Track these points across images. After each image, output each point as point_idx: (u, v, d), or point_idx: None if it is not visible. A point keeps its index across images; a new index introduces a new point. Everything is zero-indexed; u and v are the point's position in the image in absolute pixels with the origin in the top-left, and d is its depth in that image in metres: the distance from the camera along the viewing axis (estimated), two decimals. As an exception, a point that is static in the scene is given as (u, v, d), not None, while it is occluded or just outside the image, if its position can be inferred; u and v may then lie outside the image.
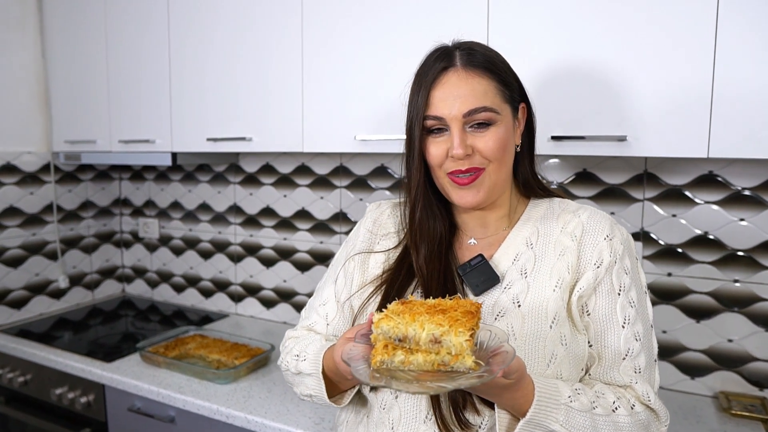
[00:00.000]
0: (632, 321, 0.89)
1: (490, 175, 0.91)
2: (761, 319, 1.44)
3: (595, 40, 1.24)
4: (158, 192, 2.49)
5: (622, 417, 0.84)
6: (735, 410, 1.39)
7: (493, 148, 0.89)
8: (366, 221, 1.09)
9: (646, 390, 0.87)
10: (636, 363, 0.89)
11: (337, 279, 1.06)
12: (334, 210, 2.05)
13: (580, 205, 0.99)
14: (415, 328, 0.72)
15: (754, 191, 1.43)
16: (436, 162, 0.93)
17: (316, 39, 1.60)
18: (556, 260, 0.91)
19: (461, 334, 0.70)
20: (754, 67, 1.11)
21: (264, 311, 2.25)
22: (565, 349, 0.87)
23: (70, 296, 2.40)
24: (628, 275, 0.91)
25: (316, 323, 1.06)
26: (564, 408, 0.80)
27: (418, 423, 0.89)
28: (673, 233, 1.52)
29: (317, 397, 0.97)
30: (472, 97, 0.88)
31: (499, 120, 0.90)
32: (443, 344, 0.71)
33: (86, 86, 2.12)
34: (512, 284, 0.92)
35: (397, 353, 0.73)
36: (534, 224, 0.97)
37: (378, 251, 1.03)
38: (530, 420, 0.79)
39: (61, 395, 1.81)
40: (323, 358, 0.95)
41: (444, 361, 0.72)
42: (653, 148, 1.21)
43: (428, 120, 0.91)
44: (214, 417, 1.48)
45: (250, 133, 1.75)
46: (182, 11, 1.85)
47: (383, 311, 0.77)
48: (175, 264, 2.49)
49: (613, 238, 0.92)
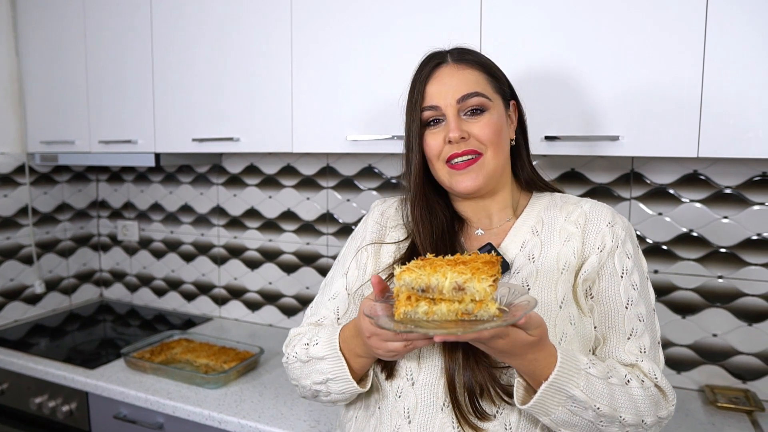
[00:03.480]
0: (635, 302, 0.93)
1: (489, 161, 0.95)
2: (744, 313, 1.49)
3: (588, 41, 1.26)
4: (138, 194, 2.43)
5: (635, 389, 0.85)
6: (721, 403, 1.43)
7: (489, 133, 0.94)
8: (373, 214, 1.09)
9: (652, 368, 0.90)
10: (641, 343, 0.92)
11: (348, 271, 1.05)
12: (320, 211, 2.04)
13: (581, 198, 1.02)
14: (437, 277, 0.73)
15: (736, 190, 1.47)
16: (434, 152, 0.97)
17: (306, 37, 1.58)
18: (562, 246, 0.95)
19: (484, 280, 0.71)
20: (742, 68, 1.14)
21: (249, 314, 2.22)
22: (574, 329, 0.90)
23: (46, 302, 2.33)
24: (630, 259, 0.94)
25: (326, 318, 1.04)
26: (584, 374, 0.81)
27: (435, 410, 0.89)
28: (659, 231, 1.55)
29: (335, 380, 0.92)
30: (464, 84, 0.94)
31: (492, 107, 0.95)
32: (467, 291, 0.72)
33: (64, 85, 2.06)
34: (521, 269, 0.94)
35: (421, 304, 0.73)
36: (538, 214, 1.00)
37: (389, 242, 1.03)
38: (552, 383, 0.79)
39: (41, 404, 1.75)
40: (338, 337, 0.93)
41: (467, 310, 0.73)
42: (645, 147, 1.23)
43: (425, 112, 0.96)
44: (205, 422, 1.45)
45: (238, 134, 1.72)
46: (166, 6, 1.81)
47: (404, 265, 0.77)
48: (155, 267, 2.43)
49: (614, 224, 0.95)
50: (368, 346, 0.85)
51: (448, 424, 0.88)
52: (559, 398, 0.80)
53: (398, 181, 1.89)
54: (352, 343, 0.90)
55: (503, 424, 0.87)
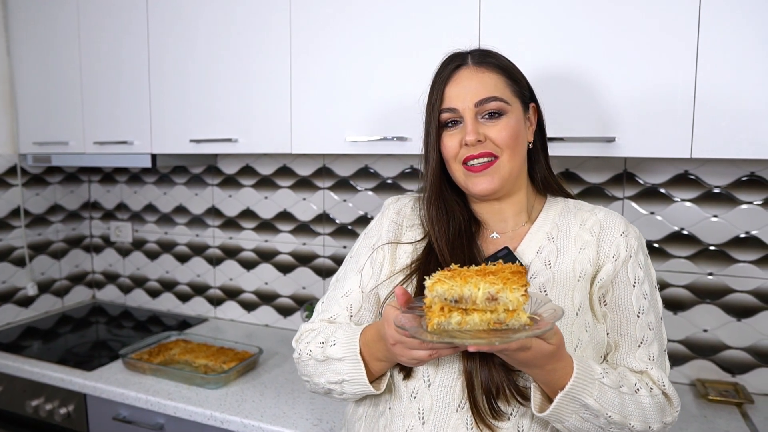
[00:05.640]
0: (645, 311, 0.95)
1: (504, 164, 0.96)
2: (733, 309, 1.54)
3: (584, 44, 1.29)
4: (131, 195, 2.42)
5: (644, 397, 0.88)
6: (711, 396, 1.47)
7: (505, 137, 0.95)
8: (389, 212, 1.09)
9: (661, 375, 0.93)
10: (650, 351, 0.94)
11: (362, 269, 1.04)
12: (317, 211, 2.05)
13: (594, 205, 1.04)
14: (470, 288, 0.73)
15: (725, 189, 1.52)
16: (451, 153, 0.98)
17: (305, 37, 1.59)
18: (578, 253, 0.96)
19: (516, 290, 0.72)
20: (733, 71, 1.18)
21: (245, 314, 2.22)
22: (589, 335, 0.92)
23: (38, 304, 2.31)
24: (642, 269, 0.96)
25: (338, 315, 1.03)
26: (598, 383, 0.83)
27: (450, 412, 0.89)
28: (651, 230, 1.59)
29: (350, 382, 0.93)
30: (483, 88, 0.95)
31: (510, 111, 0.96)
32: (499, 301, 0.73)
33: (57, 85, 2.04)
34: (537, 275, 0.95)
35: (453, 315, 0.74)
36: (553, 220, 1.01)
37: (406, 242, 1.03)
38: (568, 392, 0.81)
39: (37, 407, 1.74)
40: (359, 340, 0.93)
41: (500, 320, 0.73)
42: (641, 148, 1.26)
43: (443, 113, 0.97)
44: (207, 422, 1.46)
45: (236, 134, 1.72)
46: (163, 4, 1.80)
47: (432, 276, 0.77)
48: (149, 268, 2.42)
49: (628, 234, 0.97)
50: (392, 353, 0.85)
51: (462, 425, 0.89)
52: (573, 407, 0.83)
53: (395, 181, 1.91)
54: (374, 347, 0.91)
55: (516, 427, 0.88)
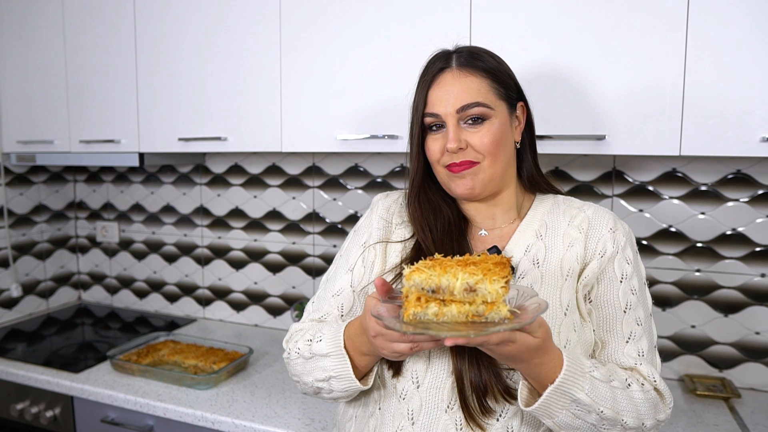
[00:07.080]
0: (633, 307, 0.95)
1: (485, 170, 0.95)
2: (720, 305, 1.56)
3: (574, 43, 1.30)
4: (117, 194, 2.39)
5: (635, 393, 0.87)
6: (699, 391, 1.49)
7: (487, 144, 0.94)
8: (378, 209, 1.08)
9: (651, 371, 0.92)
10: (639, 346, 0.94)
11: (354, 268, 1.03)
12: (306, 210, 2.04)
13: (584, 202, 1.04)
14: (448, 278, 0.70)
15: (712, 187, 1.54)
16: (434, 157, 0.98)
17: (294, 35, 1.58)
18: (566, 251, 0.96)
19: (496, 282, 0.69)
20: (721, 70, 1.20)
21: (234, 314, 2.21)
22: (577, 335, 0.91)
23: (22, 305, 2.27)
24: (630, 265, 0.96)
25: (329, 314, 1.02)
26: (588, 377, 0.81)
27: (439, 412, 0.89)
28: (640, 227, 1.61)
29: (337, 378, 0.92)
30: (465, 93, 0.93)
31: (493, 116, 0.94)
32: (478, 293, 0.70)
33: (42, 83, 2.01)
34: (526, 274, 0.95)
35: (431, 305, 0.71)
36: (542, 217, 1.01)
37: (395, 241, 1.03)
38: (558, 386, 0.79)
39: (23, 410, 1.71)
40: (343, 334, 0.92)
41: (478, 312, 0.71)
42: (630, 146, 1.28)
43: (426, 117, 0.97)
44: (197, 423, 1.44)
45: (225, 133, 1.71)
46: (150, 2, 1.79)
47: (412, 266, 0.74)
48: (136, 268, 2.39)
49: (616, 231, 0.97)
50: (373, 346, 0.84)
51: (451, 426, 0.88)
52: (563, 401, 0.81)
53: (384, 180, 1.91)
54: (358, 341, 0.90)
55: (505, 427, 0.88)
